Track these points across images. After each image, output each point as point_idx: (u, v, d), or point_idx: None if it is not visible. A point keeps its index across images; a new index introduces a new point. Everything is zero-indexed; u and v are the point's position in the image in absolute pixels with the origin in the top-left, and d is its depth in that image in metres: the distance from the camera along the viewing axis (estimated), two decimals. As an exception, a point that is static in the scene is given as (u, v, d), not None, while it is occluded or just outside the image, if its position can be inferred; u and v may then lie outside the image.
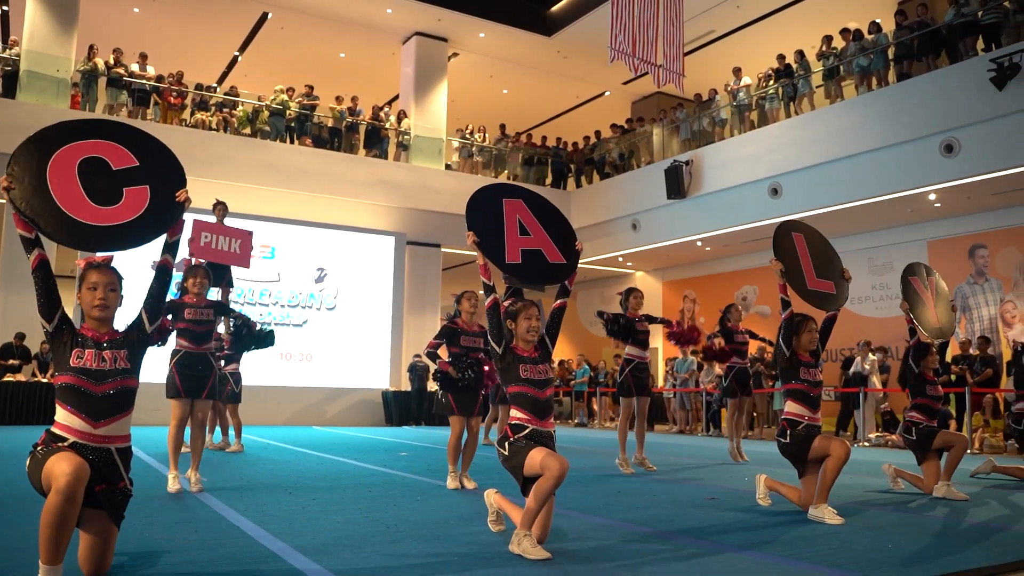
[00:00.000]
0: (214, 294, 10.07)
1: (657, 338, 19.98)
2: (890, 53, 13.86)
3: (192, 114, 16.53)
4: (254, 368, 13.80)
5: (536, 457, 3.87)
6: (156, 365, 6.23)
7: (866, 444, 12.61)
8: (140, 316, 3.54)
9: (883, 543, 4.29)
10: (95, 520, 3.18)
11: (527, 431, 4.04)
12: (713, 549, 4.10)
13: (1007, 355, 12.55)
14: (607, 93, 22.00)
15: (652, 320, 8.20)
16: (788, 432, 5.27)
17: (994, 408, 12.46)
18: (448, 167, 19.01)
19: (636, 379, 7.91)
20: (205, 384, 6.00)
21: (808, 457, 5.20)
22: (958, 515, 5.37)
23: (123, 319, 3.48)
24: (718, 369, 13.61)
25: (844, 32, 14.62)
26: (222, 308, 6.54)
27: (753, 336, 9.78)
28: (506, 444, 4.07)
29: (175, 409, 5.99)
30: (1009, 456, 11.03)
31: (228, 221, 10.31)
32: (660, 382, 18.45)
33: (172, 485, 5.78)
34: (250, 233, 9.60)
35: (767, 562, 3.82)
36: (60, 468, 2.92)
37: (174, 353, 6.06)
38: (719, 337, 9.27)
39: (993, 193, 13.01)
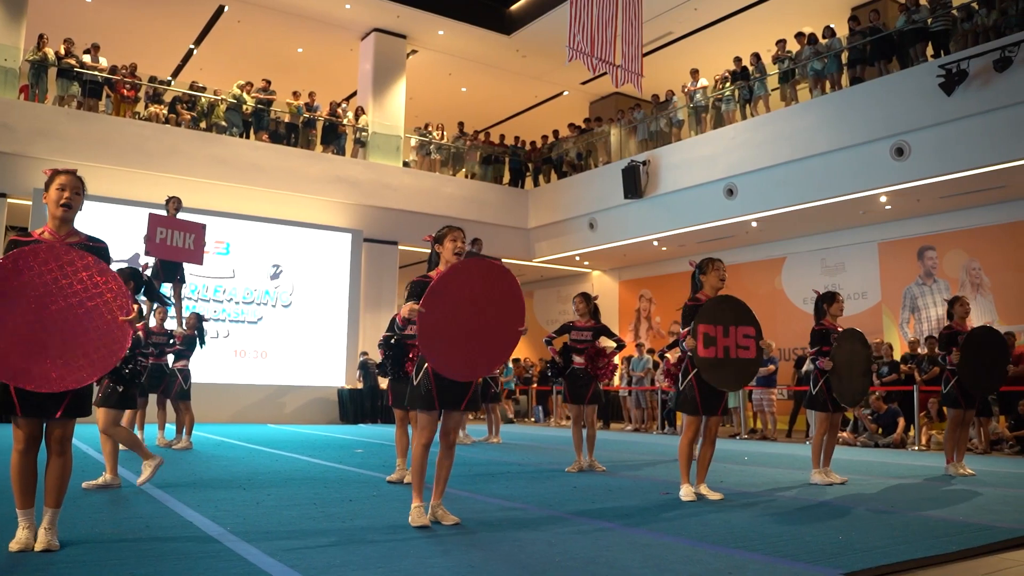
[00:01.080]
0: (167, 290, 9.94)
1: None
2: (843, 57, 14.11)
3: (145, 107, 16.21)
4: (208, 365, 13.63)
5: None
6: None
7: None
8: None
9: (833, 535, 4.37)
10: None
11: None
12: (671, 539, 4.14)
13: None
14: (565, 93, 22.08)
15: (602, 333, 7.77)
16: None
17: (940, 406, 12.71)
18: (406, 164, 18.93)
19: (572, 386, 7.71)
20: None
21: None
22: (904, 507, 5.49)
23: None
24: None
25: (799, 36, 14.85)
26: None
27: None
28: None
29: None
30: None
31: (182, 216, 10.18)
32: (616, 380, 18.54)
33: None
34: (203, 227, 9.48)
35: (720, 553, 3.86)
36: None
37: None
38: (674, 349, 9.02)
39: (941, 196, 13.32)
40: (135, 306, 3.69)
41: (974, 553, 4.07)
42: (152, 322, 8.97)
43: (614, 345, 7.90)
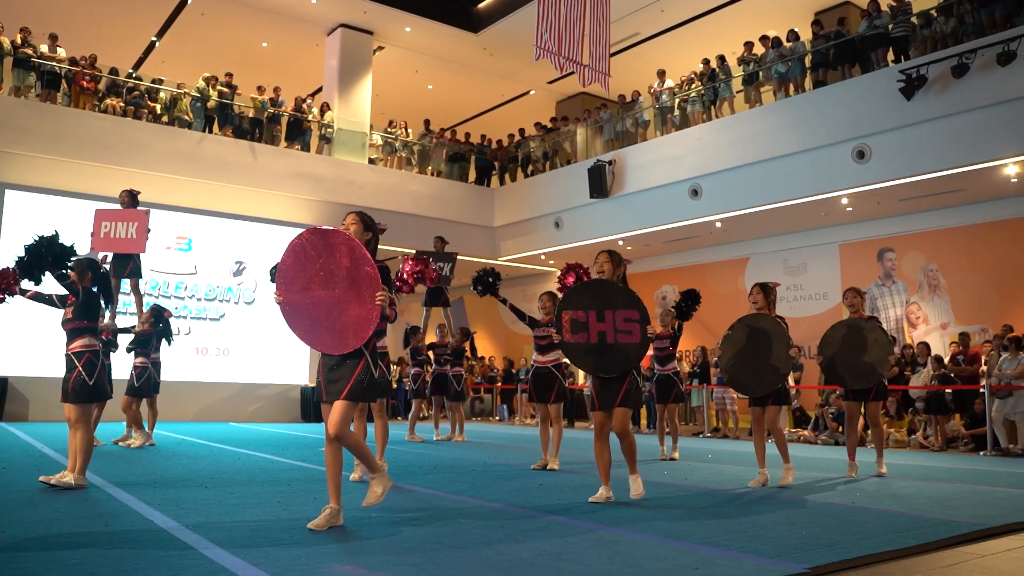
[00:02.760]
0: (125, 285, 9.76)
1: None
2: (807, 61, 14.27)
3: (101, 100, 15.87)
4: (170, 363, 13.41)
5: None
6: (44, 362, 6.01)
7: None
8: None
9: (798, 530, 4.42)
10: None
11: None
12: (638, 536, 4.16)
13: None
14: (532, 92, 22.09)
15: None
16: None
17: (898, 405, 12.94)
18: (371, 161, 18.81)
19: (535, 384, 7.65)
20: (65, 386, 5.71)
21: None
22: (864, 503, 5.56)
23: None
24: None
25: (764, 39, 15.00)
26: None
27: (674, 343, 9.32)
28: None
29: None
30: (912, 451, 11.49)
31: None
32: (580, 379, 18.60)
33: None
34: (147, 212, 9.30)
35: (687, 549, 3.88)
36: None
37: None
38: None
39: (901, 199, 13.53)
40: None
41: (934, 547, 4.15)
42: (106, 319, 8.80)
43: None
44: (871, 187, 12.91)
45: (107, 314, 8.69)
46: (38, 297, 5.87)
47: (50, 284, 5.78)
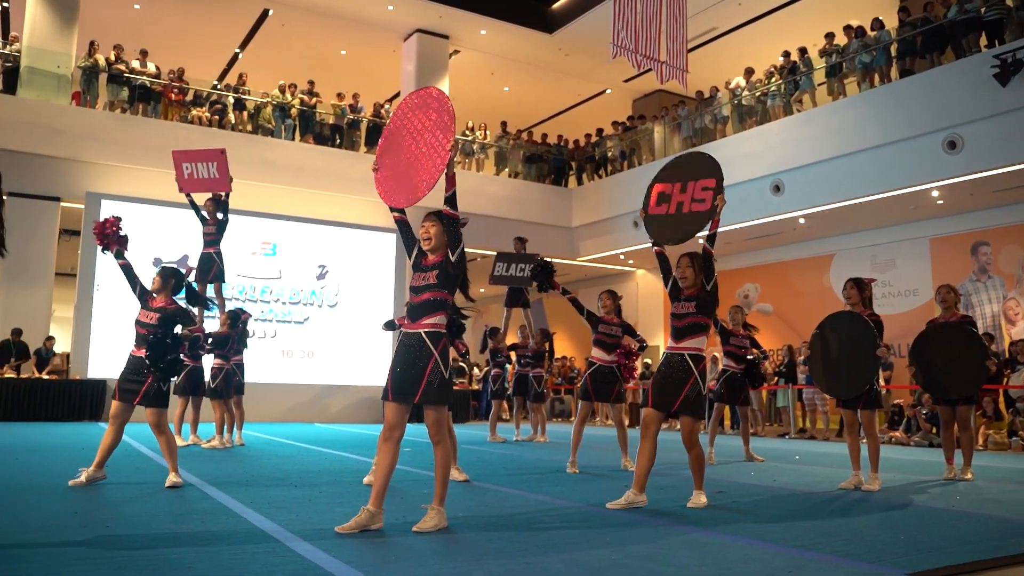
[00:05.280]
0: (210, 291, 10.04)
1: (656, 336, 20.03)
2: (893, 50, 13.84)
3: (188, 110, 16.41)
4: (256, 365, 13.78)
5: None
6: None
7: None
8: None
9: (895, 534, 4.28)
10: None
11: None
12: (729, 538, 4.08)
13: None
14: (608, 91, 21.98)
15: (627, 332, 7.65)
16: None
17: (995, 406, 12.42)
18: (449, 165, 18.93)
19: (596, 382, 7.43)
20: (137, 391, 5.79)
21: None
22: (964, 507, 5.35)
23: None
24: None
25: (847, 29, 14.60)
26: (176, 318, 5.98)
27: (754, 344, 8.99)
28: None
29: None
30: (1015, 453, 11.03)
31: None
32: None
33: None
34: (223, 151, 9.56)
35: (779, 552, 3.79)
36: None
37: None
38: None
39: (995, 190, 12.99)
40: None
41: (1043, 554, 3.96)
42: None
43: (638, 345, 7.86)
44: (964, 178, 12.45)
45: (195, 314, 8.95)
46: (128, 269, 5.95)
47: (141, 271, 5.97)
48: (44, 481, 5.84)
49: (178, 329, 5.92)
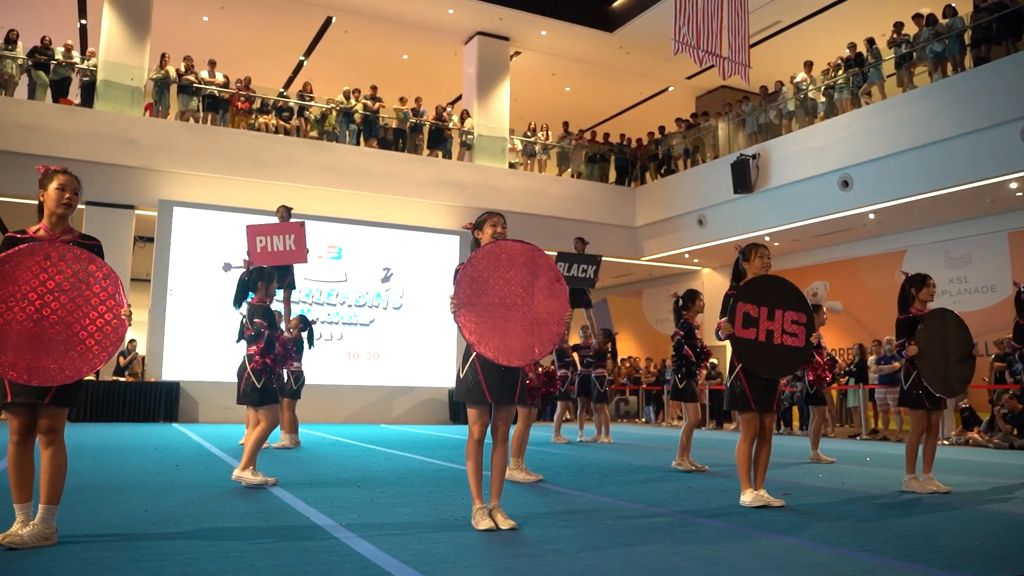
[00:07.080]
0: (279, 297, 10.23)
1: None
2: (966, 37, 13.39)
3: (255, 118, 16.78)
4: (322, 367, 14.03)
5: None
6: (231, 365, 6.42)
7: (946, 442, 12.17)
8: None
9: (970, 539, 4.13)
10: None
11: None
12: (794, 542, 3.99)
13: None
14: (670, 88, 21.76)
15: None
16: None
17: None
18: (512, 166, 19.01)
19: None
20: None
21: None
22: (1048, 512, 5.14)
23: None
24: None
25: (916, 17, 14.18)
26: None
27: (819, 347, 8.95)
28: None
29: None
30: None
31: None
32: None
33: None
34: (302, 224, 9.60)
35: (846, 556, 3.69)
36: None
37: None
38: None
39: (1078, 181, 12.48)
40: (127, 308, 3.76)
41: None
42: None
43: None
44: (1044, 169, 11.98)
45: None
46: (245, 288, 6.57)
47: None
48: (117, 480, 6.01)
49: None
